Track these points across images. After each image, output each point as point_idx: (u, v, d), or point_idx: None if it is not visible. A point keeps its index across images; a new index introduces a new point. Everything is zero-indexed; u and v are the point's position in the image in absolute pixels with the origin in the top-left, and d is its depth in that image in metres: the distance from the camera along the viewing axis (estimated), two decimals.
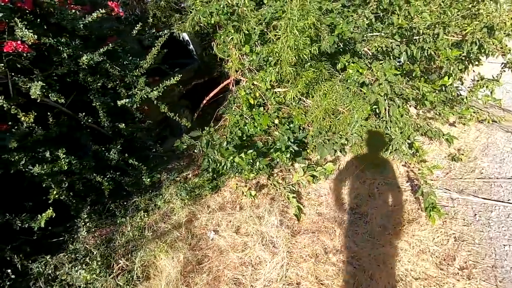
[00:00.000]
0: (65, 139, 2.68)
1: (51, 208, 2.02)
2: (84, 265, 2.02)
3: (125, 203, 2.71)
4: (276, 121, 3.64)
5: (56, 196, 2.11)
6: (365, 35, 3.04)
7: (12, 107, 1.93)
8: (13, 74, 2.29)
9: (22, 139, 2.21)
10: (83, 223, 2.20)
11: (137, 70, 2.93)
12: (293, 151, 3.14)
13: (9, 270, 1.91)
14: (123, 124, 2.86)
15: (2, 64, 1.96)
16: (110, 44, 2.73)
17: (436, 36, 2.75)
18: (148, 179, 2.76)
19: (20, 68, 2.32)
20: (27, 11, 2.24)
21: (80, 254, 2.11)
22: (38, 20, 2.33)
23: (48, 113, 2.57)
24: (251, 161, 2.97)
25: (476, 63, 3.07)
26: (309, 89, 3.74)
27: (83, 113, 2.70)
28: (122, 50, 3.08)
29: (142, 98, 2.86)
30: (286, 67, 3.04)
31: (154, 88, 2.90)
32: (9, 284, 1.90)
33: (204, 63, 4.70)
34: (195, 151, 3.26)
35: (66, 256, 2.09)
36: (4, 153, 2.08)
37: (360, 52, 3.29)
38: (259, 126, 3.69)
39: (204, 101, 4.26)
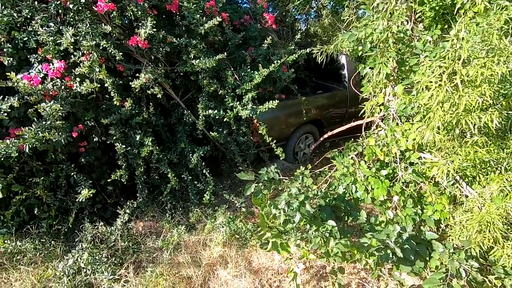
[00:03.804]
0: (167, 128, 2.91)
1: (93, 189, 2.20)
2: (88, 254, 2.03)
3: (181, 208, 2.64)
4: (396, 198, 2.51)
5: (117, 177, 2.28)
6: None
7: (113, 89, 2.19)
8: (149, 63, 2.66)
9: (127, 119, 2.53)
10: (123, 212, 2.27)
11: (249, 84, 2.74)
12: (393, 256, 2.01)
13: None
14: (216, 133, 2.78)
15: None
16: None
17: None
18: (208, 198, 2.55)
19: (153, 60, 2.66)
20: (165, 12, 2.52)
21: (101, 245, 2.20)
22: (175, 22, 2.57)
23: (167, 103, 2.89)
24: (325, 235, 2.15)
25: None
26: (479, 173, 2.37)
27: (189, 110, 2.83)
28: (251, 62, 2.99)
29: (238, 114, 2.67)
30: (430, 129, 1.93)
31: (247, 107, 2.65)
32: None
33: (354, 92, 3.99)
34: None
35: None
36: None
37: None
38: (371, 193, 2.68)
39: (326, 135, 3.59)
